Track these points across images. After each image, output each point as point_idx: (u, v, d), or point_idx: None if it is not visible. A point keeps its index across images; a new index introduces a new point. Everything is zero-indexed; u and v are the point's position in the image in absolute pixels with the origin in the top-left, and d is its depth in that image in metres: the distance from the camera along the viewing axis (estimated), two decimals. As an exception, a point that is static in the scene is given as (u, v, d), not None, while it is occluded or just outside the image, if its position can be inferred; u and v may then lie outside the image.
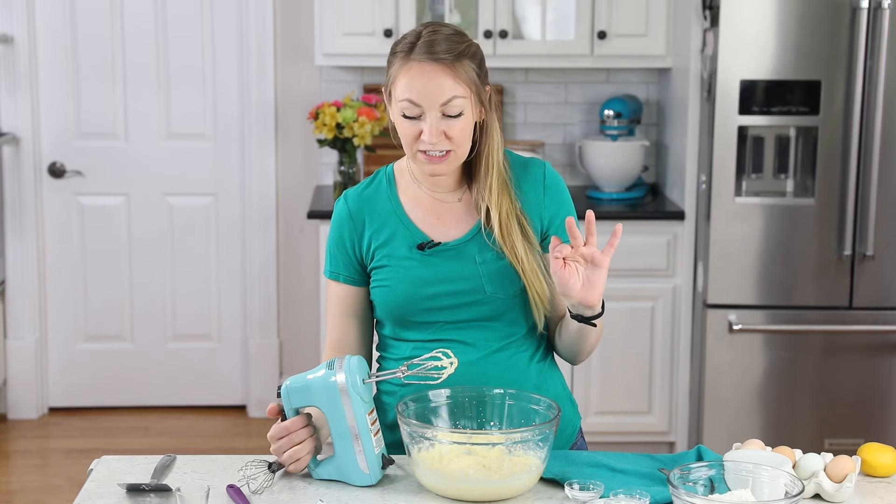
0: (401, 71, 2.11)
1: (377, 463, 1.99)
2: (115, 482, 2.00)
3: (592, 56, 4.43)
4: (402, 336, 2.22)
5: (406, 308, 2.17)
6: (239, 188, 4.86)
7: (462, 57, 2.10)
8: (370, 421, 1.99)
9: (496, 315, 2.18)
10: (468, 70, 2.11)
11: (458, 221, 2.21)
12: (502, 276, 2.16)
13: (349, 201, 2.24)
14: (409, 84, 2.09)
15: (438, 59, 2.08)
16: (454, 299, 2.16)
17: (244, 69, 4.77)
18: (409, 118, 2.11)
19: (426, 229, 2.20)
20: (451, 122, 2.09)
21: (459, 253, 2.18)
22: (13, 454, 4.55)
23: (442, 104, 2.08)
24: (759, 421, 4.12)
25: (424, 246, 2.18)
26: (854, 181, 3.99)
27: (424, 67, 2.09)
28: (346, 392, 1.96)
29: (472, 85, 2.11)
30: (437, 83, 2.08)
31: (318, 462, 2.04)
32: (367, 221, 2.21)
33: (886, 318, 4.06)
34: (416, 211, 2.21)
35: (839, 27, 3.92)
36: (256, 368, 4.88)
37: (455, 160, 2.14)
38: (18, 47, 4.68)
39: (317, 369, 2.00)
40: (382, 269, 2.19)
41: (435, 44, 2.09)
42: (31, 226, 4.79)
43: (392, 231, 2.20)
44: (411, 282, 2.17)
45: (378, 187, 2.25)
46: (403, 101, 2.10)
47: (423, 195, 2.22)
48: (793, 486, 1.83)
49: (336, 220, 2.24)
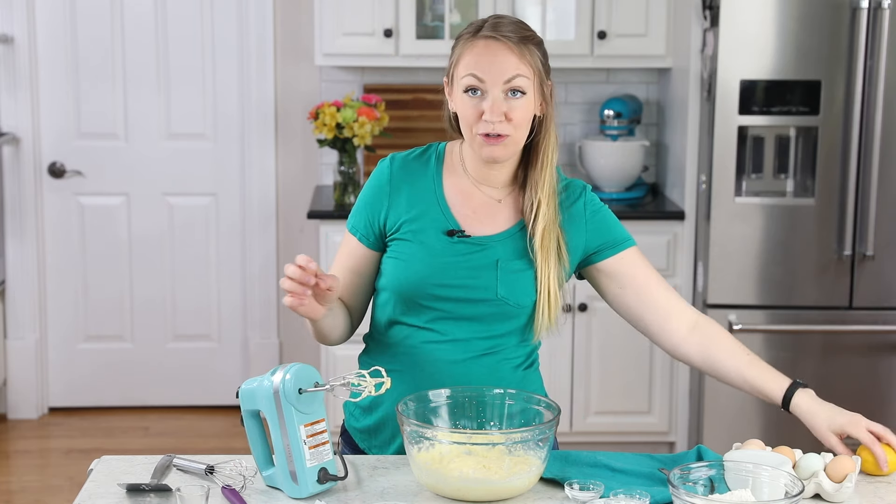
0: (465, 49, 2.11)
1: (311, 477, 1.93)
2: (115, 482, 2.00)
3: (592, 56, 4.43)
4: (399, 318, 2.19)
5: (415, 288, 2.15)
6: (239, 188, 4.86)
7: (528, 41, 2.11)
8: (307, 433, 1.93)
9: (498, 319, 2.17)
10: (533, 54, 2.11)
11: (493, 220, 2.19)
12: (518, 284, 2.15)
13: (394, 166, 2.21)
14: (474, 60, 2.09)
15: (505, 36, 2.09)
16: (463, 293, 2.15)
17: (244, 69, 4.77)
18: (471, 97, 2.09)
19: (459, 218, 2.18)
20: (512, 102, 2.08)
21: (484, 250, 2.16)
22: (13, 454, 4.55)
23: (505, 81, 2.08)
24: (759, 421, 4.12)
25: (454, 233, 2.16)
26: (854, 181, 3.99)
27: (490, 44, 2.09)
28: (279, 401, 1.92)
29: (535, 70, 2.11)
30: (503, 59, 2.08)
31: (268, 467, 2.00)
32: (404, 190, 2.18)
33: (886, 318, 4.06)
34: (456, 198, 2.19)
35: (839, 27, 3.92)
36: (256, 368, 4.88)
37: (511, 146, 2.11)
38: (18, 47, 4.68)
39: (270, 372, 1.96)
40: (404, 242, 2.17)
41: (501, 25, 2.11)
42: (31, 226, 4.79)
43: (425, 209, 2.17)
44: (429, 265, 2.14)
45: (427, 162, 2.22)
46: (467, 76, 2.09)
47: (466, 184, 2.20)
48: (793, 486, 1.83)
49: (374, 180, 2.21)
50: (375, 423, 2.23)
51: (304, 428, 1.93)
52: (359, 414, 2.26)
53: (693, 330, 2.23)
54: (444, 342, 2.17)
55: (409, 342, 2.19)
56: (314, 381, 1.94)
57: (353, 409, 2.27)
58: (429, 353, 2.17)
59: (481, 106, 2.08)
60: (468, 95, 2.10)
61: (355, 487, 2.00)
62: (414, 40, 4.40)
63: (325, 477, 1.94)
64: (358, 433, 2.27)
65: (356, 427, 2.27)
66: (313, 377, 1.95)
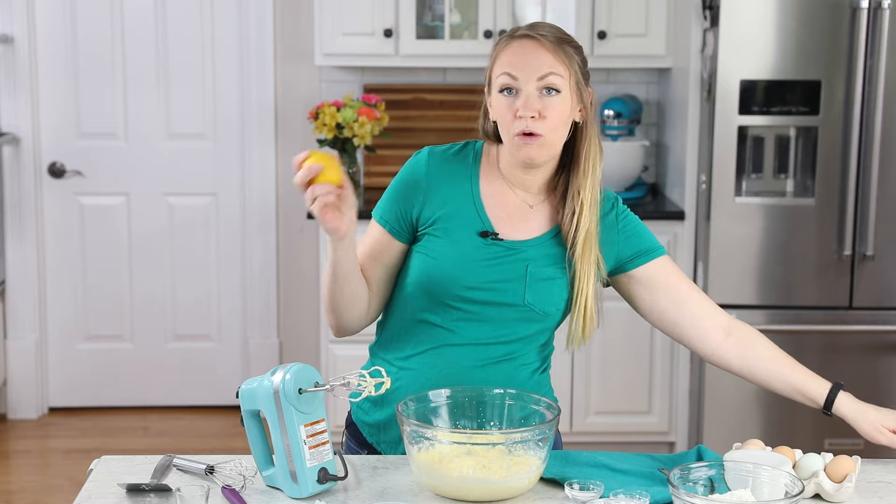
0: (502, 51, 2.12)
1: (311, 477, 1.93)
2: (115, 482, 2.00)
3: (592, 56, 4.43)
4: (421, 315, 2.16)
5: (442, 287, 2.13)
6: (239, 188, 4.86)
7: (564, 43, 2.11)
8: (307, 433, 1.93)
9: (520, 324, 2.16)
10: (570, 56, 2.11)
11: (526, 225, 2.17)
12: (546, 291, 2.14)
13: (432, 160, 2.18)
14: (509, 59, 2.10)
15: (542, 35, 2.10)
16: (490, 296, 2.13)
17: (244, 69, 4.77)
18: (506, 97, 2.09)
19: (494, 221, 2.16)
20: (546, 100, 2.08)
21: (516, 254, 2.14)
22: (13, 454, 4.55)
23: (539, 78, 2.07)
24: (759, 421, 4.12)
25: (488, 235, 2.14)
26: (854, 181, 3.99)
27: (525, 43, 2.10)
28: (279, 401, 1.92)
29: (572, 70, 2.11)
30: (537, 56, 2.08)
31: (268, 467, 2.00)
32: (441, 186, 2.16)
33: (886, 318, 4.06)
34: (491, 199, 2.17)
35: (839, 27, 3.92)
36: (256, 368, 4.87)
37: (547, 147, 2.10)
38: (18, 47, 4.68)
39: (271, 372, 1.96)
40: (435, 238, 2.15)
41: (539, 27, 2.13)
42: (31, 226, 4.79)
43: (461, 208, 2.16)
44: (459, 264, 2.13)
45: (465, 160, 2.20)
46: (502, 75, 2.09)
47: (502, 186, 2.18)
48: (793, 486, 1.83)
49: (411, 173, 2.18)
50: (386, 420, 2.21)
51: (304, 428, 1.93)
52: (368, 407, 2.24)
53: (729, 334, 2.23)
54: (464, 345, 2.15)
55: (428, 342, 2.17)
56: (314, 381, 1.94)
57: (363, 402, 2.25)
58: (447, 356, 2.16)
59: (516, 104, 2.08)
60: (503, 95, 2.10)
61: (355, 487, 2.00)
62: (414, 40, 4.40)
63: (325, 477, 1.94)
64: (366, 426, 2.25)
65: (364, 420, 2.26)
66: (313, 377, 1.95)
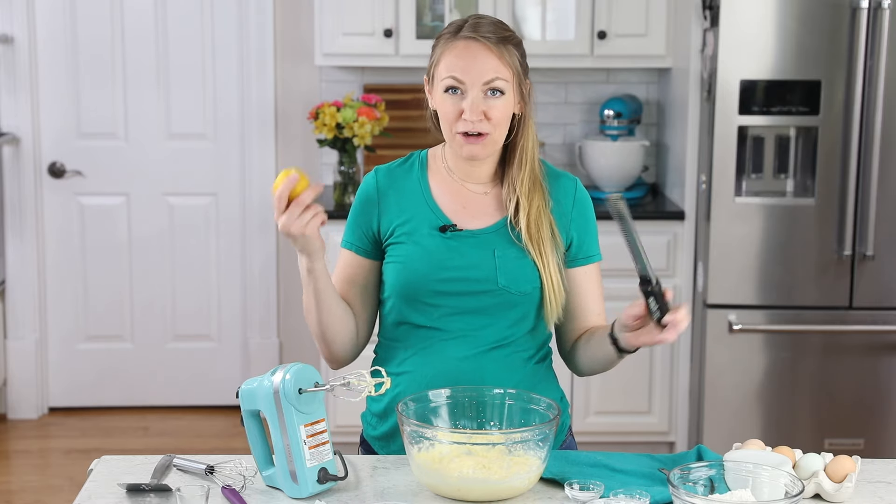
0: (445, 49, 2.14)
1: (311, 477, 1.93)
2: (115, 482, 2.00)
3: (592, 56, 4.43)
4: (407, 320, 2.20)
5: (416, 287, 2.17)
6: (239, 188, 4.86)
7: (507, 42, 2.15)
8: (307, 433, 1.93)
9: (502, 310, 2.18)
10: (512, 55, 2.15)
11: (484, 213, 2.22)
12: (518, 271, 2.18)
13: (379, 176, 2.26)
14: (454, 62, 2.12)
15: (485, 37, 2.12)
16: (465, 286, 2.17)
17: (244, 69, 4.77)
18: (451, 95, 2.13)
19: (450, 215, 2.21)
20: (491, 102, 2.12)
21: (479, 242, 2.19)
22: (13, 454, 4.55)
23: (485, 82, 2.11)
24: (759, 421, 4.12)
25: (446, 228, 2.19)
26: (854, 181, 3.99)
27: (470, 45, 2.13)
28: (279, 401, 1.93)
29: (514, 70, 2.15)
30: (482, 61, 2.12)
31: (268, 467, 2.00)
32: (392, 198, 2.23)
33: (886, 318, 4.06)
34: (444, 197, 2.23)
35: (839, 27, 3.92)
36: (256, 368, 4.88)
37: (491, 144, 2.16)
38: (18, 47, 4.68)
39: (270, 372, 1.97)
40: (400, 245, 2.20)
41: (481, 26, 2.14)
42: (31, 226, 4.79)
43: (416, 211, 2.21)
44: (426, 261, 2.17)
45: (410, 168, 2.26)
46: (447, 77, 2.13)
47: (452, 183, 2.24)
48: (793, 486, 1.83)
49: (362, 192, 2.26)
50: (390, 430, 2.24)
51: (304, 428, 1.94)
52: (375, 422, 2.27)
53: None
54: (453, 338, 2.18)
55: (418, 343, 2.20)
56: (314, 381, 1.95)
57: (370, 419, 2.28)
58: (439, 350, 2.19)
59: (461, 105, 2.13)
60: (448, 94, 2.14)
61: (355, 487, 2.00)
62: (414, 40, 4.40)
63: (325, 477, 1.94)
64: (376, 441, 2.27)
65: (373, 436, 2.28)
66: (313, 377, 1.95)
